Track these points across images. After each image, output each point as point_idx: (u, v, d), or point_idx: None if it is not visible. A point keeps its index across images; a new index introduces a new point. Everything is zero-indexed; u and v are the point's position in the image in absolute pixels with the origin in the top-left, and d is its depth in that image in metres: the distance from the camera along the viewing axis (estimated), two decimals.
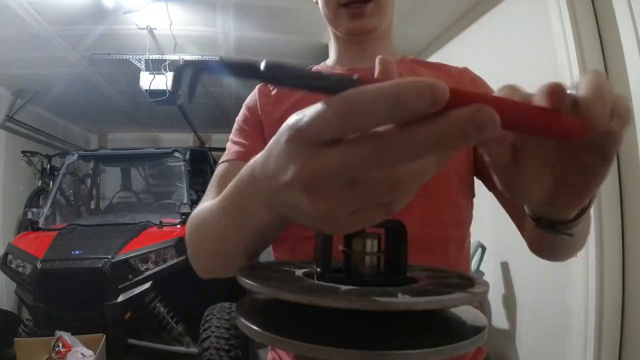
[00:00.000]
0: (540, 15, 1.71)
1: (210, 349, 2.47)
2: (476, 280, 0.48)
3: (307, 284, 0.44)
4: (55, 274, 2.65)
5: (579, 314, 1.51)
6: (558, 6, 1.59)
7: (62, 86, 3.87)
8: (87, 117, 5.26)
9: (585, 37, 1.53)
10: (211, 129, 6.01)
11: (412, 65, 0.79)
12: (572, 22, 1.54)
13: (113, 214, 3.93)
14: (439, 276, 0.53)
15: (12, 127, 4.16)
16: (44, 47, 3.01)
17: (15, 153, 4.28)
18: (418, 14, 2.37)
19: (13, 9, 2.45)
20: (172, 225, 3.16)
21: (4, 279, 3.44)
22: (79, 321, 2.68)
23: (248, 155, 0.63)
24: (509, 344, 1.91)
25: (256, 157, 0.35)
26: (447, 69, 0.81)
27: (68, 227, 3.17)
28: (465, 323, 0.45)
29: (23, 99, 4.11)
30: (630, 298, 1.43)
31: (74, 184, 4.20)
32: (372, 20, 0.71)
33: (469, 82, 0.80)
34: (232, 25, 2.80)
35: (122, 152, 4.17)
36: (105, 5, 2.44)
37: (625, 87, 1.44)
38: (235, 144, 0.73)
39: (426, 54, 2.90)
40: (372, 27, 0.72)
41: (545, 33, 1.67)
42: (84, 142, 5.98)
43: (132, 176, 4.65)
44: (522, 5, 1.90)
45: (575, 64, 1.52)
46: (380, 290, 0.41)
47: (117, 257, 2.74)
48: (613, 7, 1.47)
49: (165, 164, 3.96)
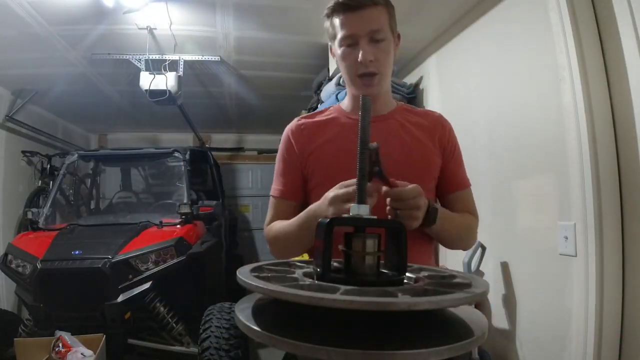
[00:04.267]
0: (540, 15, 1.71)
1: (210, 349, 2.47)
2: (476, 281, 0.48)
3: (307, 283, 0.44)
4: (55, 274, 2.65)
5: (579, 314, 1.51)
6: (558, 6, 1.59)
7: (62, 86, 3.86)
8: (87, 117, 5.25)
9: (585, 37, 1.53)
10: (211, 129, 6.00)
11: (405, 114, 1.12)
12: (572, 22, 1.54)
13: (113, 214, 3.92)
14: (439, 276, 0.52)
15: (12, 127, 4.16)
16: (44, 47, 3.00)
17: (15, 153, 4.28)
18: (418, 14, 2.37)
19: (13, 9, 2.45)
20: (172, 225, 3.16)
21: (4, 279, 3.44)
22: (79, 321, 2.67)
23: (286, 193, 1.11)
24: (509, 344, 1.91)
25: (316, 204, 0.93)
26: (428, 117, 1.14)
27: (68, 227, 3.17)
28: (465, 323, 0.45)
29: (23, 99, 4.11)
30: (630, 298, 1.43)
31: (74, 184, 4.20)
32: (377, 88, 1.05)
33: (440, 127, 1.12)
34: (232, 25, 2.80)
35: (122, 152, 4.17)
36: (105, 5, 2.43)
37: (625, 87, 1.44)
38: (278, 178, 1.14)
39: (426, 54, 2.89)
40: (377, 92, 1.05)
41: (545, 33, 1.67)
42: (84, 142, 5.98)
43: (132, 176, 4.65)
44: (522, 5, 1.90)
45: (575, 64, 1.52)
46: (380, 290, 0.41)
47: (117, 257, 2.74)
48: (613, 7, 1.47)
49: (165, 164, 3.96)
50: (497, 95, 2.04)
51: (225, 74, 3.65)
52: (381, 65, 1.02)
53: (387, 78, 1.07)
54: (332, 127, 1.10)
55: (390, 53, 1.04)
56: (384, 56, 1.02)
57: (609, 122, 1.49)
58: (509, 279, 1.95)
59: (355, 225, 0.51)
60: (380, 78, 1.03)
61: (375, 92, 1.04)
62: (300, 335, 0.39)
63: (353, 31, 0.99)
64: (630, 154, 1.44)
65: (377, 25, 0.99)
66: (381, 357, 0.37)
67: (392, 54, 1.05)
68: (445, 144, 1.11)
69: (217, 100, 4.43)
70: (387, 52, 1.02)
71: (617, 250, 1.45)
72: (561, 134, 1.60)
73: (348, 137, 1.03)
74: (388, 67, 1.05)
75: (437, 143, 1.09)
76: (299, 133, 1.12)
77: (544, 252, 1.69)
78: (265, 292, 0.41)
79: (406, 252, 0.49)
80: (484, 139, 2.14)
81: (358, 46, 1.00)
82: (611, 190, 1.46)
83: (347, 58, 1.02)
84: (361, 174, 0.52)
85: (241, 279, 0.46)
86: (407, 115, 1.12)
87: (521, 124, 1.88)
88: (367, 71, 1.01)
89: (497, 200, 2.05)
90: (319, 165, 1.07)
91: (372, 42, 0.99)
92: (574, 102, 1.52)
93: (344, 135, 1.06)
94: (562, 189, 1.61)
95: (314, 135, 1.10)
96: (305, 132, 1.11)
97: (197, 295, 3.35)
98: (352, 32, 0.99)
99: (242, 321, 0.43)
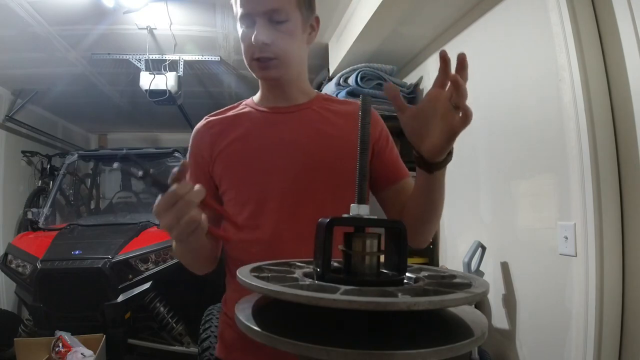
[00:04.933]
0: (540, 15, 1.71)
1: (210, 349, 2.47)
2: (476, 281, 0.48)
3: (307, 283, 0.44)
4: (55, 274, 2.65)
5: (579, 314, 1.51)
6: (558, 6, 1.59)
7: (62, 86, 3.87)
8: (87, 117, 5.25)
9: (585, 37, 1.53)
10: None
11: (324, 103, 1.00)
12: (572, 22, 1.54)
13: (113, 214, 3.93)
14: (439, 276, 0.53)
15: (12, 127, 4.16)
16: (44, 47, 3.01)
17: (15, 153, 4.28)
18: (418, 14, 2.37)
19: (13, 9, 2.45)
20: None
21: (4, 279, 3.44)
22: (79, 321, 2.68)
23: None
24: (509, 344, 1.91)
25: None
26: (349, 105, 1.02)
27: (68, 227, 3.17)
28: (465, 323, 0.45)
29: (23, 99, 4.11)
30: (630, 298, 1.43)
31: (74, 184, 4.20)
32: (275, 72, 0.92)
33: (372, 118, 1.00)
34: (232, 25, 2.80)
35: (122, 152, 4.17)
36: (105, 5, 2.44)
37: (625, 87, 1.44)
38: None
39: (426, 54, 2.89)
40: (276, 76, 0.94)
41: (545, 33, 1.67)
42: (84, 142, 5.98)
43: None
44: (522, 5, 1.90)
45: (575, 64, 1.52)
46: (380, 290, 0.41)
47: (117, 257, 2.74)
48: (613, 7, 1.46)
49: (165, 164, 3.97)
50: (497, 95, 2.04)
51: (225, 74, 3.65)
52: (280, 49, 0.89)
53: (291, 64, 0.93)
54: (242, 122, 0.98)
55: (295, 36, 0.92)
56: (285, 39, 0.90)
57: (609, 122, 1.49)
58: (509, 279, 1.95)
59: (355, 225, 0.51)
60: (279, 63, 0.91)
61: (273, 76, 0.93)
62: (300, 335, 0.39)
63: (248, 10, 0.89)
64: (630, 154, 1.44)
65: (277, 4, 0.88)
66: (381, 357, 0.37)
67: (297, 38, 0.92)
68: (374, 134, 0.97)
69: (217, 100, 4.43)
70: (290, 35, 0.90)
71: (617, 250, 1.45)
72: (561, 134, 1.60)
73: (258, 132, 0.95)
74: (291, 51, 0.92)
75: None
76: (205, 133, 0.99)
77: (544, 252, 1.69)
78: (265, 292, 0.41)
79: (406, 252, 0.49)
80: (483, 139, 2.14)
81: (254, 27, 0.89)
82: (611, 190, 1.46)
83: (244, 40, 0.91)
84: (361, 174, 0.52)
85: (241, 279, 0.46)
86: (325, 104, 1.01)
87: (521, 124, 1.88)
88: (262, 55, 0.90)
89: (497, 200, 2.05)
90: (227, 168, 0.95)
91: (271, 22, 0.88)
92: (574, 102, 1.52)
93: (253, 131, 0.96)
94: (562, 189, 1.61)
95: (221, 134, 0.97)
96: (213, 131, 0.98)
97: (197, 295, 3.36)
98: (247, 10, 0.89)
99: (242, 321, 0.43)
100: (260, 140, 0.94)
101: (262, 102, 1.01)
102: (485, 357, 1.87)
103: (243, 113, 1.00)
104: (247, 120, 0.98)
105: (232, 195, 0.94)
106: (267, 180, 0.92)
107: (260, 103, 1.01)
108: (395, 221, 0.50)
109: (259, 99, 1.02)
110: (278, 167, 0.92)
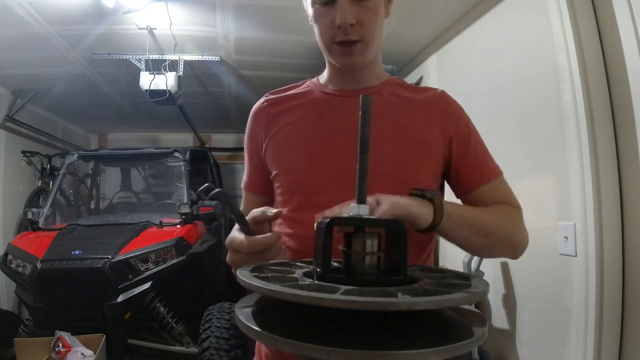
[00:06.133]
0: (540, 15, 1.71)
1: (210, 349, 2.47)
2: (476, 280, 0.48)
3: (307, 283, 0.44)
4: (55, 274, 2.65)
5: (579, 314, 1.51)
6: (558, 6, 1.59)
7: (62, 86, 3.86)
8: (87, 117, 5.25)
9: (585, 37, 1.53)
10: (211, 129, 6.00)
11: (395, 88, 0.89)
12: (572, 22, 1.54)
13: (113, 214, 3.93)
14: (439, 276, 0.53)
15: (12, 127, 4.16)
16: (44, 47, 3.00)
17: (15, 153, 4.28)
18: (418, 14, 2.37)
19: (13, 9, 2.45)
20: (172, 225, 3.16)
21: (4, 279, 3.44)
22: (79, 321, 2.68)
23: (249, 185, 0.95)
24: (509, 344, 1.91)
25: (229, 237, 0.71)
26: (425, 93, 0.90)
27: (68, 227, 3.17)
28: (465, 323, 0.45)
29: (23, 99, 4.11)
30: (630, 298, 1.43)
31: (74, 184, 4.20)
32: (360, 57, 0.82)
33: (443, 107, 0.88)
34: (232, 25, 2.80)
35: (122, 152, 4.17)
36: (105, 5, 2.43)
37: (625, 87, 1.44)
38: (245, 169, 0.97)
39: (426, 54, 2.89)
40: (359, 62, 0.83)
41: (545, 33, 1.67)
42: (84, 142, 5.98)
43: (132, 176, 4.65)
44: (522, 5, 1.90)
45: (575, 64, 1.52)
46: (380, 290, 0.41)
47: (117, 257, 2.74)
48: (613, 7, 1.47)
49: (165, 164, 3.97)
50: (497, 95, 2.04)
51: (225, 74, 3.65)
52: (366, 30, 0.79)
53: (373, 45, 0.82)
54: (301, 104, 0.89)
55: (379, 14, 0.81)
56: (371, 18, 0.79)
57: (608, 122, 1.49)
58: (509, 279, 1.95)
59: (355, 225, 0.51)
60: (365, 46, 0.80)
61: (357, 62, 0.82)
62: (300, 335, 0.39)
63: None
64: (630, 154, 1.44)
65: None
66: (381, 357, 0.37)
67: (381, 15, 0.82)
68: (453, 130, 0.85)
69: (217, 100, 4.43)
70: (375, 12, 0.79)
71: (617, 250, 1.45)
72: (561, 134, 1.60)
73: (316, 116, 0.86)
74: (375, 32, 0.81)
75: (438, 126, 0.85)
76: (260, 113, 0.92)
77: (544, 252, 1.69)
78: (265, 292, 0.41)
79: (406, 252, 0.49)
80: (483, 139, 2.14)
81: (335, 5, 0.77)
82: (611, 190, 1.46)
83: (321, 20, 0.80)
84: (361, 174, 0.52)
85: (241, 279, 0.46)
86: (397, 89, 0.89)
87: (521, 123, 1.88)
88: (347, 38, 0.79)
89: None
90: (278, 152, 0.87)
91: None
92: (574, 102, 1.52)
93: (311, 115, 0.86)
94: (562, 189, 1.61)
95: (277, 115, 0.89)
96: (268, 111, 0.91)
97: (197, 295, 3.35)
98: None
99: (242, 321, 0.43)
100: (316, 125, 0.85)
101: (328, 82, 0.91)
102: (485, 357, 1.87)
103: (303, 93, 0.91)
104: (306, 102, 0.89)
105: (280, 182, 0.86)
106: (317, 169, 0.82)
107: (325, 83, 0.91)
108: (395, 221, 0.50)
109: (325, 79, 0.92)
110: (331, 158, 0.82)
